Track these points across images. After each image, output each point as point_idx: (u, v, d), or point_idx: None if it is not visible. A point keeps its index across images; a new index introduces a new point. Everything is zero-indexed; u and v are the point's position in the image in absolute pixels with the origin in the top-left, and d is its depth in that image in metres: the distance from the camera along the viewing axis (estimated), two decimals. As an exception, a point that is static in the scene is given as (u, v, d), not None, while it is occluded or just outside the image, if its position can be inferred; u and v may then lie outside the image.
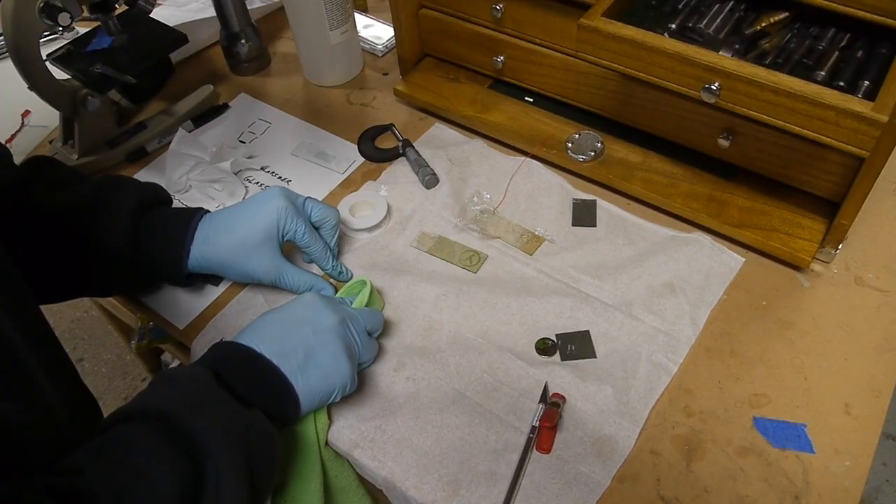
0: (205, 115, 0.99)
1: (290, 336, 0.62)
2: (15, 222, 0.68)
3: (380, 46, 1.07)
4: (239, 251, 0.71)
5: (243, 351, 0.60)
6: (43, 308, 0.58)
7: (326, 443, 0.65)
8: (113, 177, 0.76)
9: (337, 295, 0.74)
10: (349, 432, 0.66)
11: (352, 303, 0.71)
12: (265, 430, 0.56)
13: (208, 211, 0.75)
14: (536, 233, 0.81)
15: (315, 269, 0.78)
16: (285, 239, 0.73)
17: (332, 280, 0.77)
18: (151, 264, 0.72)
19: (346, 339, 0.64)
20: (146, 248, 0.71)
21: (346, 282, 0.76)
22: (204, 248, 0.72)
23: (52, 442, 0.50)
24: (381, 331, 0.71)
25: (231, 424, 0.53)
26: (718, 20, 0.71)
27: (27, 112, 1.05)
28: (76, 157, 0.91)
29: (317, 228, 0.76)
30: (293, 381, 0.60)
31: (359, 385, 0.69)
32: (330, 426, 0.66)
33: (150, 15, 0.96)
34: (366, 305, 0.71)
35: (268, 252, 0.72)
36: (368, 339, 0.68)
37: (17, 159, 0.74)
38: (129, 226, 0.70)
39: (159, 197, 0.76)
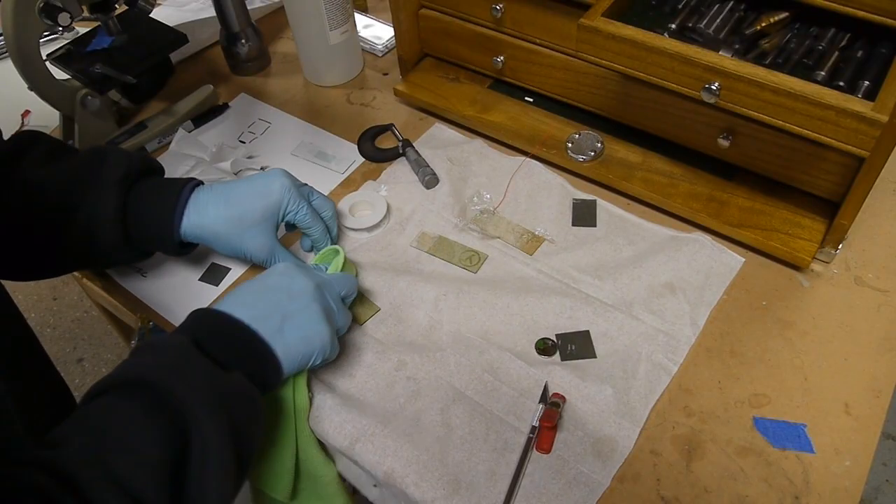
0: (205, 115, 0.99)
1: (266, 301, 0.62)
2: (4, 196, 0.67)
3: (380, 46, 1.07)
4: (236, 225, 0.71)
5: (220, 316, 0.60)
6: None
7: (308, 418, 0.66)
8: (101, 147, 0.75)
9: (311, 262, 0.74)
10: (350, 428, 0.66)
11: (326, 269, 0.72)
12: (247, 391, 0.56)
13: (202, 182, 0.74)
14: (536, 233, 0.81)
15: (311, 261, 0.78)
16: (286, 219, 0.73)
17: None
18: (143, 231, 0.71)
19: (322, 302, 0.64)
20: (137, 213, 0.70)
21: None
22: (199, 216, 0.71)
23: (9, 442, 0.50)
24: (355, 295, 0.71)
25: (212, 388, 0.53)
26: (718, 20, 0.71)
27: (27, 112, 1.05)
28: (76, 156, 0.91)
29: None
30: (272, 343, 0.60)
31: (359, 384, 0.69)
32: (311, 405, 0.66)
33: (150, 15, 0.96)
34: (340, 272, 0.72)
35: (264, 230, 0.72)
36: (343, 304, 0.68)
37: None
38: (119, 192, 0.69)
39: (150, 166, 0.74)
